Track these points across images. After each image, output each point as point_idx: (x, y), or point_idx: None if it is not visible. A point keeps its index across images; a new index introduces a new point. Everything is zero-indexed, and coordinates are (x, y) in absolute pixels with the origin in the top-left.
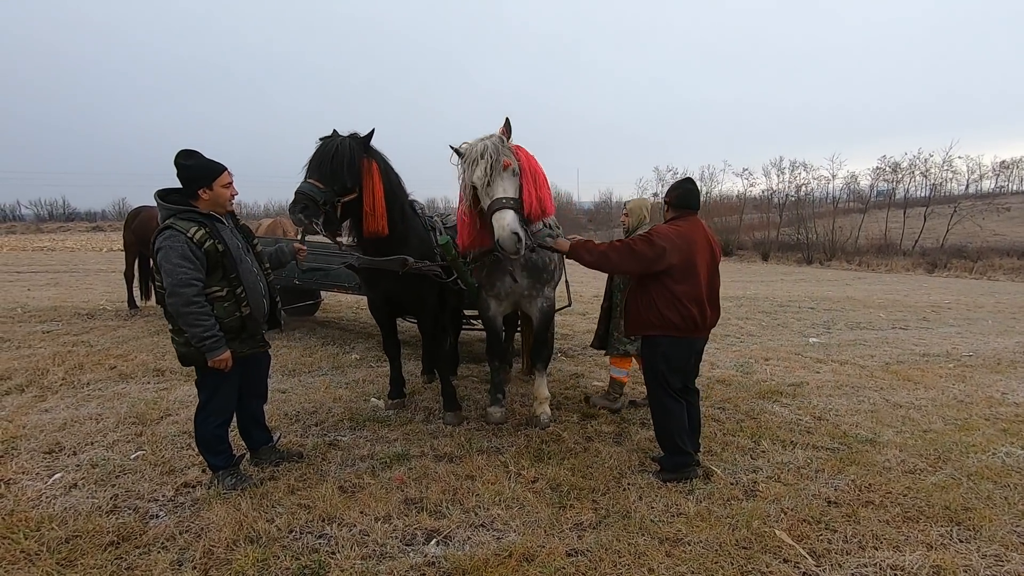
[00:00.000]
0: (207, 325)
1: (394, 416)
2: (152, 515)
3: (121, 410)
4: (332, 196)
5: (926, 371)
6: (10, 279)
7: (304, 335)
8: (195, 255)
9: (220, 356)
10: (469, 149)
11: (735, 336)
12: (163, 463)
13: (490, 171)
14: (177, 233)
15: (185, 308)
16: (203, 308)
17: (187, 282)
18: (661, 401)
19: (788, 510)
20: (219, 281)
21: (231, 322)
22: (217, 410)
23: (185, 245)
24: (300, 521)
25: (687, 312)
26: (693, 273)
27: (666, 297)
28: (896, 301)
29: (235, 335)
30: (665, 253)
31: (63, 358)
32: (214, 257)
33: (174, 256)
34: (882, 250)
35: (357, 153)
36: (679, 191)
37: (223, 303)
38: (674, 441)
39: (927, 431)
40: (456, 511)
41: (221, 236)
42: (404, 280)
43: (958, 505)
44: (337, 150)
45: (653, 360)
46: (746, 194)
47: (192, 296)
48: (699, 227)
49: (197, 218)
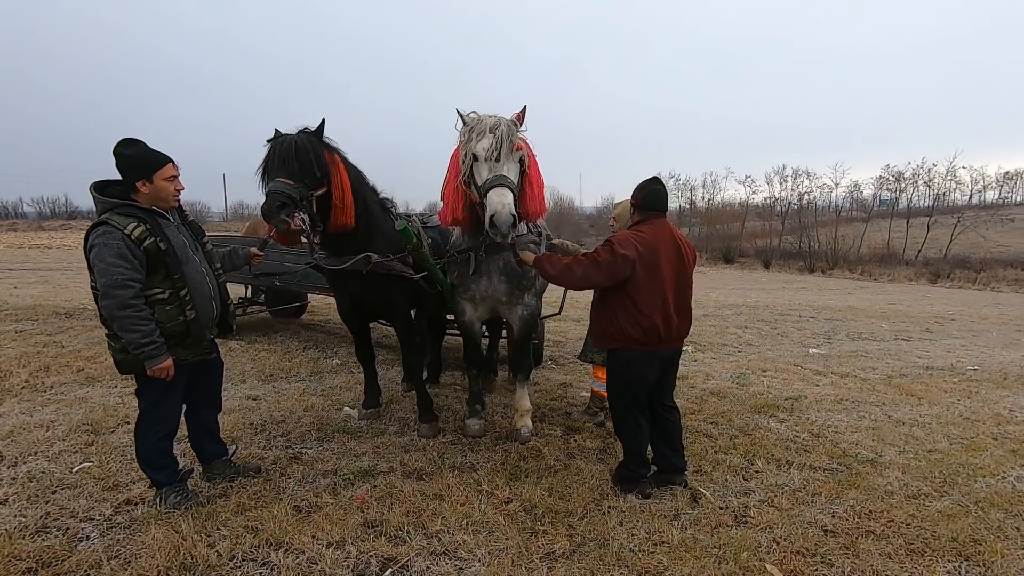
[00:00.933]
0: (145, 330)
1: (366, 427)
2: (83, 537)
3: (76, 417)
4: (306, 191)
5: (930, 385)
6: (1, 275)
7: (286, 338)
8: (133, 254)
9: (160, 364)
10: (478, 119)
11: (733, 346)
12: (108, 477)
13: (499, 146)
14: (113, 229)
15: (120, 312)
16: (141, 312)
17: (123, 283)
18: (621, 414)
19: (781, 540)
20: (161, 282)
21: (174, 327)
22: (159, 421)
23: (122, 242)
24: (244, 546)
25: (648, 323)
26: (656, 282)
27: (626, 308)
28: (899, 311)
29: (178, 341)
30: (627, 261)
31: (30, 359)
32: (155, 256)
33: (109, 255)
34: (885, 259)
35: (318, 146)
36: (644, 192)
37: (165, 306)
38: (641, 455)
39: (932, 451)
40: (418, 536)
41: (164, 233)
42: (371, 281)
43: (966, 536)
44: (298, 145)
45: (614, 373)
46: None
47: (128, 298)
48: (665, 231)
49: (137, 213)
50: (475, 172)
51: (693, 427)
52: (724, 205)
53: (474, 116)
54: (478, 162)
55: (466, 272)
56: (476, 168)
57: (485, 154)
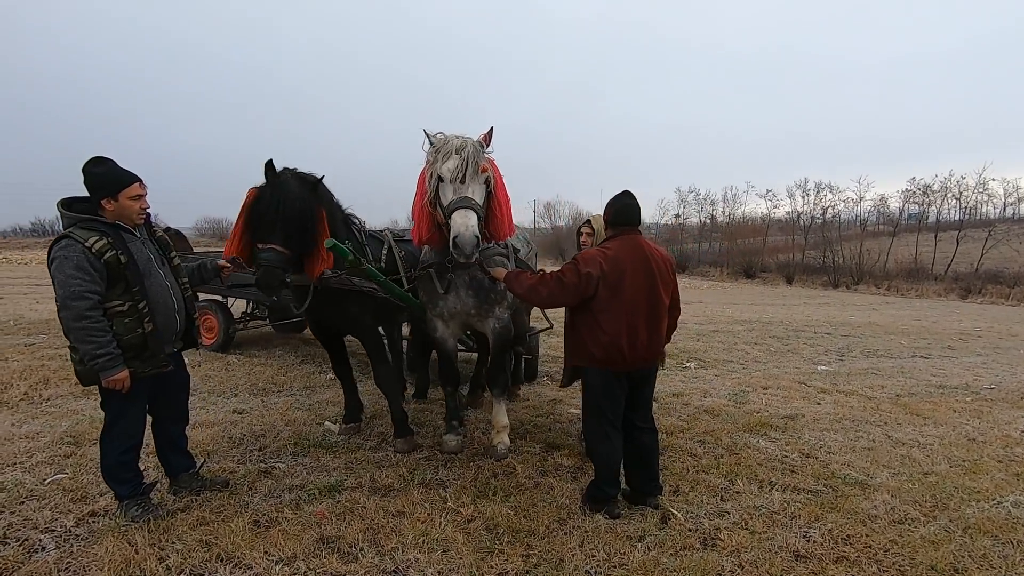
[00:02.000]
0: (101, 341)
1: (343, 442)
2: (40, 547)
3: (60, 429)
4: (295, 259)
5: (939, 405)
6: (27, 291)
7: (285, 352)
8: (93, 266)
9: (115, 376)
10: (444, 140)
11: (739, 362)
12: (77, 489)
13: (464, 168)
14: (74, 243)
15: (76, 323)
16: (98, 323)
17: (80, 295)
18: (592, 431)
19: (747, 564)
20: (120, 295)
21: (131, 339)
22: (123, 434)
23: (82, 255)
24: (193, 560)
25: (610, 342)
26: (619, 300)
27: (589, 326)
28: (922, 328)
29: (135, 353)
30: (591, 280)
31: (32, 372)
32: (115, 269)
33: (68, 267)
34: (912, 274)
35: (314, 206)
36: (615, 207)
37: (123, 319)
38: (613, 474)
39: (928, 473)
40: (371, 553)
41: (126, 247)
42: (329, 298)
43: (946, 564)
44: (296, 206)
45: (584, 390)
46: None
47: (85, 310)
48: (635, 246)
49: (99, 228)
50: (440, 193)
51: (679, 446)
52: (745, 219)
53: (440, 137)
54: (443, 183)
55: (434, 289)
56: (442, 189)
57: (450, 175)
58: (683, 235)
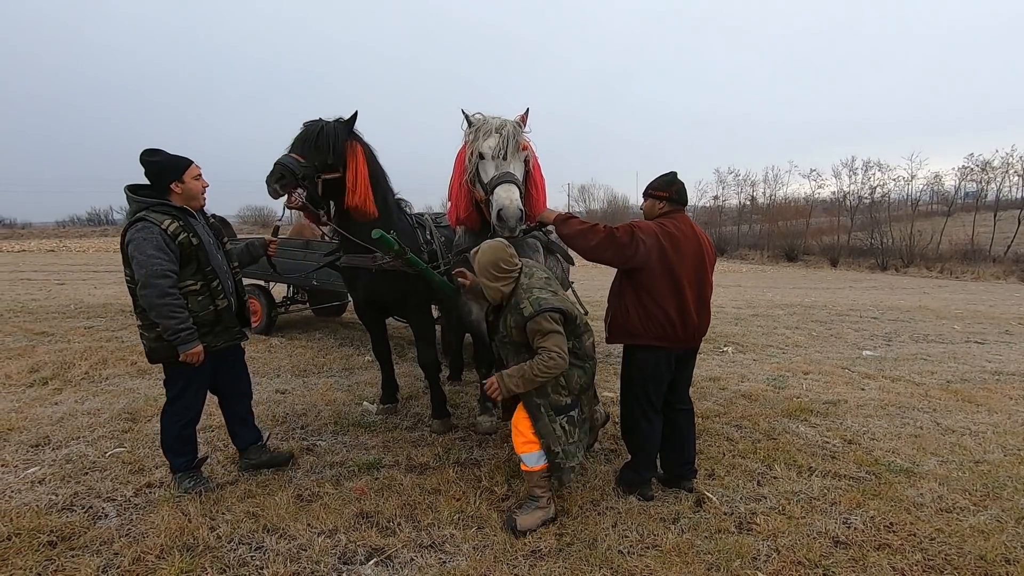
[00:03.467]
0: (182, 317)
1: (381, 421)
2: (102, 515)
3: (119, 406)
4: (312, 171)
5: (994, 391)
6: (84, 277)
7: (324, 335)
8: (169, 247)
9: (192, 349)
10: (483, 120)
11: (778, 347)
12: (135, 462)
13: (505, 144)
14: (151, 225)
15: (160, 300)
16: (178, 300)
17: (162, 273)
18: (632, 414)
19: (783, 549)
20: (193, 275)
21: (205, 315)
22: (182, 410)
23: (159, 236)
24: (242, 531)
25: (664, 318)
26: (673, 277)
27: (642, 301)
28: (977, 312)
29: (209, 328)
30: (644, 249)
31: (92, 353)
32: (188, 250)
33: (149, 247)
34: (968, 256)
35: (341, 134)
36: (675, 186)
37: (197, 297)
38: (651, 458)
39: (979, 462)
40: (408, 528)
41: (195, 230)
42: (383, 277)
43: (997, 554)
44: (322, 130)
45: (627, 370)
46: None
47: (168, 287)
48: (688, 225)
49: (171, 211)
50: (481, 170)
51: (715, 430)
52: (787, 201)
53: (479, 117)
54: (484, 160)
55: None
56: (482, 166)
57: (492, 152)
58: (721, 217)
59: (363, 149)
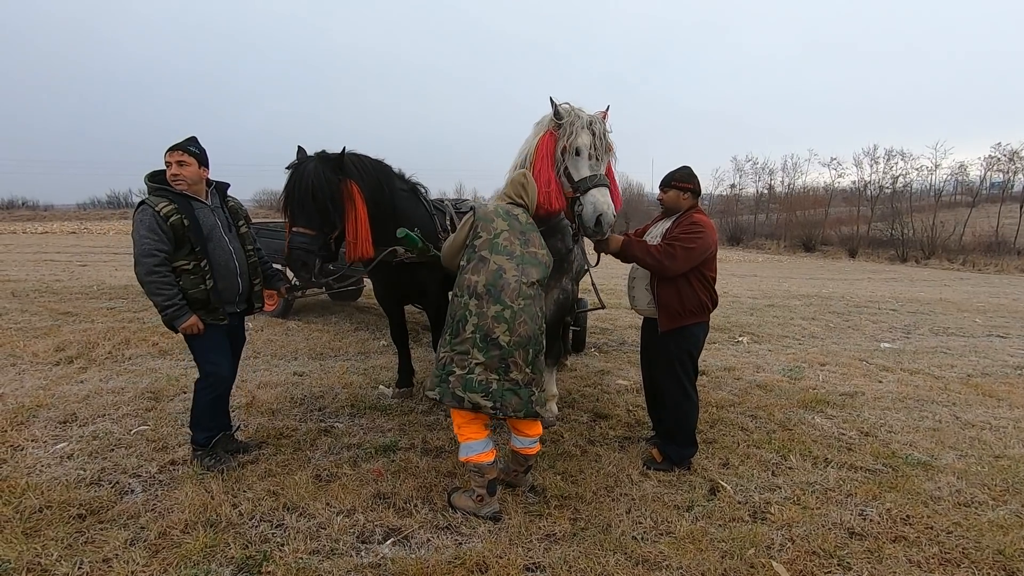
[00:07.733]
0: (168, 294)
1: (397, 405)
2: (129, 490)
3: (142, 385)
4: (324, 239)
5: (1016, 386)
6: (106, 259)
7: (340, 319)
8: (160, 228)
9: (186, 323)
10: (575, 113)
11: (794, 338)
12: (159, 439)
13: (600, 144)
14: (147, 207)
15: (146, 277)
16: (165, 278)
17: (149, 252)
18: (687, 392)
19: (797, 539)
20: (186, 255)
21: (196, 293)
22: (210, 375)
23: (152, 218)
24: (263, 508)
25: (715, 295)
26: (715, 258)
27: (705, 282)
28: (1001, 305)
29: (201, 306)
30: (712, 242)
31: (115, 333)
32: (179, 231)
33: (142, 228)
34: (992, 248)
35: (335, 183)
36: (696, 180)
37: (189, 275)
38: (692, 434)
39: (999, 456)
40: (424, 510)
41: (191, 213)
42: (405, 268)
43: (1016, 549)
44: (314, 185)
45: (682, 350)
46: (834, 185)
47: (153, 265)
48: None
49: (168, 195)
50: (572, 166)
51: (729, 419)
52: (806, 189)
53: (567, 107)
54: (579, 157)
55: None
56: (574, 163)
57: (588, 150)
58: (738, 206)
59: (358, 185)
